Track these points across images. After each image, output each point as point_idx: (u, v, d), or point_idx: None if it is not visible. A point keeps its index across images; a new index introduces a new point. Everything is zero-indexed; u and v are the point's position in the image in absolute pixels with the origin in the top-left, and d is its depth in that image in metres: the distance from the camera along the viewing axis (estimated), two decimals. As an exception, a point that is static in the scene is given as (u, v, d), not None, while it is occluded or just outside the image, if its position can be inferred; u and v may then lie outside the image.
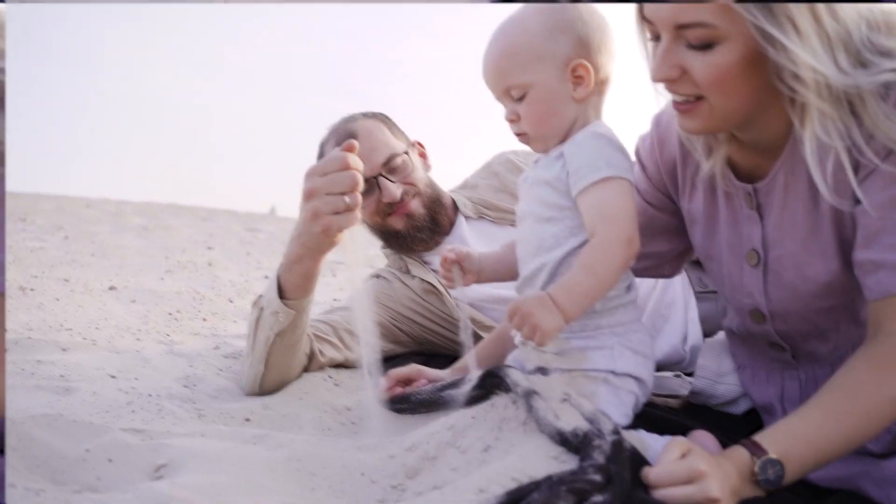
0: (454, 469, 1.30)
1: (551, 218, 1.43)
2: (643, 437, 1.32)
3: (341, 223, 1.64)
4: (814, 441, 1.24)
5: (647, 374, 1.45)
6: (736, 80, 1.24)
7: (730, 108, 1.29)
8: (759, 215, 1.45)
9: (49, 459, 1.41)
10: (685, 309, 2.19)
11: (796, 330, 1.51)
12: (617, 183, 1.36)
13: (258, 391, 1.94)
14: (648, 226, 1.70)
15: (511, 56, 1.43)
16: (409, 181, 2.37)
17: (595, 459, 1.13)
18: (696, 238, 1.61)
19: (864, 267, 1.30)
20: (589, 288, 1.33)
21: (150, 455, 1.42)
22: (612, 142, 1.41)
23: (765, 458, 1.21)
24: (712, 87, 1.25)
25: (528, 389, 1.36)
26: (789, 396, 1.59)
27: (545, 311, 1.29)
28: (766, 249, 1.46)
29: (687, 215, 1.62)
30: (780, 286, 1.46)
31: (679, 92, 1.31)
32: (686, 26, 1.22)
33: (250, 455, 1.40)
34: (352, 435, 1.71)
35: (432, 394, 1.69)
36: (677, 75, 1.28)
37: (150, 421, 1.62)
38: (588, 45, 1.43)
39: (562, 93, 1.44)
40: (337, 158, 1.64)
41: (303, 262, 1.78)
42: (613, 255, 1.33)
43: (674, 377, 1.83)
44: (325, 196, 1.63)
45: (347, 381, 2.10)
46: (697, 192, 1.57)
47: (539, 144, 1.50)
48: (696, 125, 1.34)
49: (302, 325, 1.91)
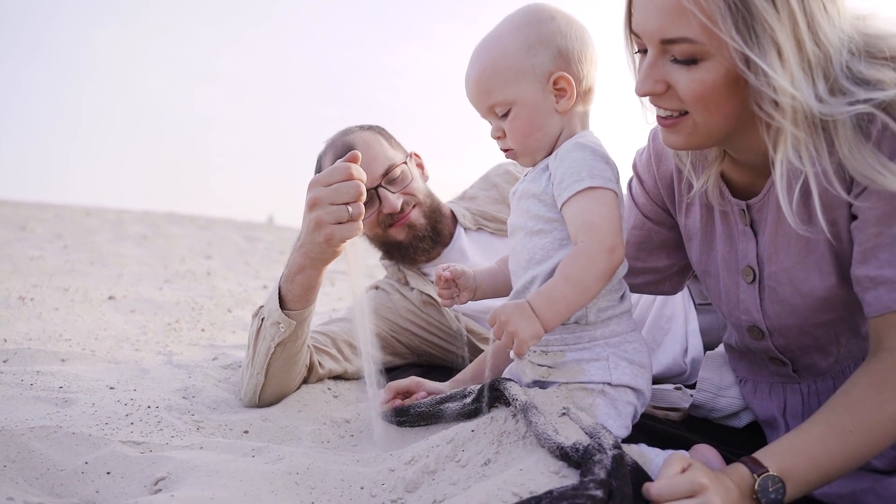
0: (454, 483, 1.29)
1: (541, 230, 1.43)
2: (645, 451, 1.31)
3: (344, 233, 1.65)
4: (816, 458, 1.23)
5: (644, 384, 1.44)
6: (719, 97, 1.24)
7: (712, 124, 1.29)
8: (753, 231, 1.45)
9: (48, 472, 1.40)
10: (685, 321, 2.19)
11: (796, 344, 1.51)
12: (600, 193, 1.36)
13: (257, 402, 1.94)
14: (647, 240, 1.70)
15: (492, 74, 1.44)
16: (408, 191, 2.37)
17: (596, 474, 1.13)
18: (693, 254, 1.62)
19: (862, 283, 1.30)
20: (569, 296, 1.31)
21: (149, 468, 1.42)
22: (596, 152, 1.41)
23: (765, 476, 1.20)
24: (695, 103, 1.26)
25: (527, 403, 1.36)
26: (792, 410, 1.59)
27: (523, 319, 1.28)
28: (761, 266, 1.46)
29: (684, 231, 1.63)
30: (776, 302, 1.46)
31: (663, 106, 1.32)
32: (672, 41, 1.23)
33: (249, 468, 1.40)
34: (351, 448, 1.70)
35: (431, 406, 1.69)
36: (662, 90, 1.29)
37: (149, 433, 1.61)
38: (568, 56, 1.43)
39: (545, 106, 1.44)
40: (340, 169, 1.65)
41: (305, 273, 1.78)
42: (595, 264, 1.32)
43: (674, 390, 1.82)
44: (328, 206, 1.64)
45: (346, 394, 2.10)
46: (694, 208, 1.57)
47: (526, 159, 1.50)
48: (678, 140, 1.34)
49: (303, 335, 1.91)
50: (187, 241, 9.03)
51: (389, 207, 2.31)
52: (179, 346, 2.88)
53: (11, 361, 2.25)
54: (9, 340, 2.59)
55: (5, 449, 1.42)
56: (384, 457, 1.51)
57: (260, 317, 1.91)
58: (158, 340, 2.95)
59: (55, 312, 3.34)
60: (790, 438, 1.27)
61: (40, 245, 7.07)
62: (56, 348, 2.49)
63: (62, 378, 2.04)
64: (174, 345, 2.88)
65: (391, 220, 2.35)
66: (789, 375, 1.58)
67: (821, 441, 1.24)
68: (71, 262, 5.84)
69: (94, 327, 3.10)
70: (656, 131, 1.62)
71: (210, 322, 3.57)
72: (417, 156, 2.55)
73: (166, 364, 2.45)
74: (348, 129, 2.43)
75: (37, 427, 1.51)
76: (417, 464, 1.38)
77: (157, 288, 4.76)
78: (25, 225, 8.98)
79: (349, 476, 1.41)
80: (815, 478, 1.24)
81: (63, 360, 2.33)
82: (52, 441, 1.49)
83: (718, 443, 1.46)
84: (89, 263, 5.93)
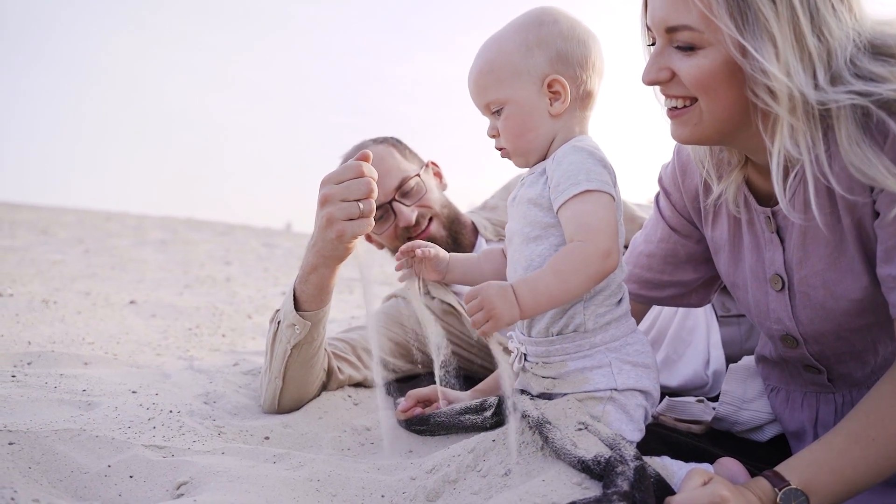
0: (475, 493, 1.29)
1: (538, 237, 1.43)
2: (667, 464, 1.30)
3: (355, 229, 1.67)
4: (838, 469, 1.21)
5: (650, 385, 1.43)
6: (719, 84, 1.26)
7: (717, 113, 1.30)
8: (780, 238, 1.44)
9: (72, 474, 1.42)
10: (707, 333, 2.17)
11: (832, 350, 1.49)
12: (597, 196, 1.35)
13: (277, 408, 1.95)
14: (673, 253, 1.69)
15: (489, 72, 1.46)
16: (424, 204, 2.37)
17: (619, 486, 1.12)
18: (722, 266, 1.61)
19: (887, 283, 1.28)
20: (554, 291, 1.31)
21: (171, 472, 1.43)
22: (594, 155, 1.41)
23: (787, 489, 1.19)
24: (697, 89, 1.28)
25: (540, 420, 1.34)
26: (823, 421, 1.56)
27: (505, 303, 1.28)
28: (789, 272, 1.44)
29: (711, 243, 1.62)
30: (809, 307, 1.44)
31: (671, 94, 1.34)
32: (675, 29, 1.27)
33: (271, 474, 1.40)
34: (371, 455, 1.70)
35: (451, 417, 1.69)
36: (666, 77, 1.31)
37: (171, 437, 1.62)
38: (567, 60, 1.44)
39: (538, 108, 1.45)
40: (352, 167, 1.67)
41: (318, 272, 1.80)
42: (587, 266, 1.31)
43: (697, 402, 1.80)
44: (339, 202, 1.66)
45: (367, 401, 2.10)
46: (721, 220, 1.56)
47: (519, 160, 1.51)
48: (685, 133, 1.35)
49: (319, 338, 1.92)
50: (207, 247, 9.11)
51: (404, 221, 2.31)
52: (200, 351, 2.90)
53: (35, 364, 2.28)
54: (33, 343, 2.62)
55: (30, 451, 1.44)
56: (405, 465, 1.51)
57: (276, 321, 1.92)
58: (179, 345, 2.97)
59: (77, 316, 3.37)
60: (813, 450, 1.25)
61: (62, 249, 7.15)
62: (79, 352, 2.51)
63: (85, 381, 2.06)
64: (195, 350, 2.90)
65: (409, 233, 2.35)
66: (824, 384, 1.56)
67: (844, 452, 1.22)
68: (92, 267, 5.90)
69: (115, 331, 3.13)
70: (679, 148, 1.64)
71: (230, 328, 3.59)
72: (435, 164, 2.55)
73: (187, 369, 2.46)
74: (362, 143, 2.44)
75: (61, 430, 1.53)
76: (438, 473, 1.38)
77: (178, 293, 4.80)
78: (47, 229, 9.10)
79: (370, 484, 1.41)
80: (839, 490, 1.22)
81: (86, 364, 2.35)
82: (76, 444, 1.50)
83: (741, 456, 1.44)
84: (110, 268, 6.00)
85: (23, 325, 3.03)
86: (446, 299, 2.43)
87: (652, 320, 2.23)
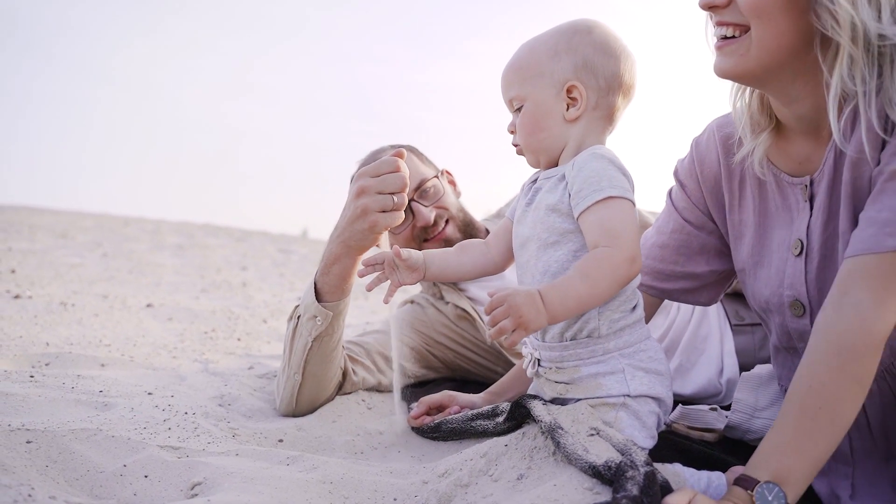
0: (486, 497, 1.29)
1: (556, 242, 1.44)
2: (679, 472, 1.30)
3: (388, 220, 1.75)
4: (799, 447, 1.20)
5: (663, 392, 1.43)
6: (777, 9, 1.27)
7: (768, 43, 1.30)
8: (810, 206, 1.43)
9: (88, 473, 1.43)
10: (721, 341, 2.16)
11: None
12: (620, 202, 1.36)
13: (294, 406, 1.97)
14: (686, 244, 1.70)
15: (517, 69, 1.51)
16: (440, 205, 2.39)
17: (629, 491, 1.12)
18: (743, 250, 1.59)
19: (859, 224, 1.26)
20: (583, 296, 1.32)
21: (186, 473, 1.44)
22: (614, 162, 1.42)
23: (759, 488, 1.18)
24: (754, 13, 1.28)
25: (552, 425, 1.35)
26: None
27: (533, 309, 1.27)
28: (810, 237, 1.43)
29: (732, 229, 1.61)
30: (828, 268, 1.41)
31: (724, 21, 1.34)
32: None
33: (284, 476, 1.42)
34: (384, 459, 1.71)
35: (463, 423, 1.69)
36: (724, 1, 1.32)
37: (186, 439, 1.64)
38: (593, 70, 1.46)
39: (554, 110, 1.48)
40: (389, 161, 1.75)
41: (341, 262, 1.86)
42: (615, 270, 1.33)
43: (710, 410, 1.79)
44: (375, 195, 1.74)
45: (380, 406, 2.11)
46: (746, 200, 1.56)
47: (530, 157, 1.54)
48: (730, 64, 1.36)
49: (339, 330, 1.95)
50: (223, 252, 9.17)
51: (423, 220, 2.33)
52: (215, 354, 2.92)
53: (53, 365, 2.30)
54: (51, 344, 2.65)
55: (48, 449, 1.46)
56: (417, 469, 1.52)
57: (295, 316, 1.96)
58: (195, 348, 3.00)
59: (95, 318, 3.41)
60: (769, 439, 1.24)
61: (80, 253, 7.23)
62: (96, 353, 2.54)
63: (102, 382, 2.08)
64: (210, 353, 2.93)
65: (426, 234, 2.36)
66: None
67: (798, 428, 1.21)
68: (110, 270, 5.96)
69: (132, 334, 3.16)
70: (698, 140, 1.67)
71: (246, 332, 3.61)
72: (449, 173, 2.58)
73: (203, 372, 2.48)
74: (380, 148, 2.47)
75: (78, 429, 1.55)
76: (451, 477, 1.38)
77: (194, 297, 4.84)
78: (66, 233, 9.20)
79: (382, 487, 1.42)
80: (806, 466, 1.21)
81: (103, 365, 2.37)
82: (93, 443, 1.52)
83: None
84: (128, 271, 6.05)
85: (41, 326, 3.06)
86: (460, 304, 2.43)
87: (666, 328, 2.23)
